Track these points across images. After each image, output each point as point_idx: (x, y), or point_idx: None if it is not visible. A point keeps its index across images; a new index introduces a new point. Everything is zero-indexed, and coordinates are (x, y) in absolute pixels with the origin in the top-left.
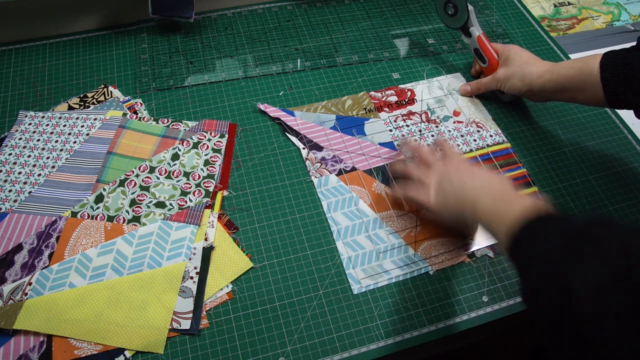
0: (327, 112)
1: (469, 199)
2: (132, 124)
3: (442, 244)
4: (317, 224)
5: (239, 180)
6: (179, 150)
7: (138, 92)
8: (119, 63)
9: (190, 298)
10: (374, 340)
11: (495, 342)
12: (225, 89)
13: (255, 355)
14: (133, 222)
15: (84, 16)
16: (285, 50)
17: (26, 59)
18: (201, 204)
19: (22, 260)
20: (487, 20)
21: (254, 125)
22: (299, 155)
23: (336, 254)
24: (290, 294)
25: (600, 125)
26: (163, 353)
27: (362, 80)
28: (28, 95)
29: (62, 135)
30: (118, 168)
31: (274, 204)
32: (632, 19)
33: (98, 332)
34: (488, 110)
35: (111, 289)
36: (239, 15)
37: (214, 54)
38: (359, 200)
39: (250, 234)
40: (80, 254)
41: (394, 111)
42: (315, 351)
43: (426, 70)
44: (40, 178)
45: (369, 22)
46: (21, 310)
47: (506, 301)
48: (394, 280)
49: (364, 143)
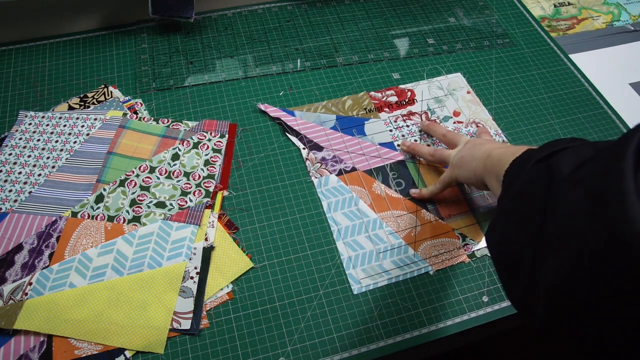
0: (327, 112)
1: (485, 153)
2: (132, 124)
3: (442, 244)
4: (317, 224)
5: (239, 180)
6: (179, 150)
7: (138, 92)
8: (119, 63)
9: (191, 298)
10: (374, 340)
11: (495, 342)
12: (226, 89)
13: (255, 355)
14: (133, 222)
15: (84, 16)
16: (285, 50)
17: (26, 59)
18: (201, 204)
19: (23, 260)
20: (487, 21)
21: (254, 125)
22: (299, 155)
23: (336, 254)
24: (290, 294)
25: (600, 125)
26: (163, 353)
27: (362, 80)
28: (28, 95)
29: (62, 135)
30: (118, 168)
31: (274, 204)
32: (632, 19)
33: (98, 332)
34: (488, 110)
35: (111, 289)
36: (239, 15)
37: (214, 54)
38: (359, 200)
39: (250, 234)
40: (81, 254)
41: (394, 111)
42: (315, 351)
43: (426, 70)
44: (41, 178)
45: (369, 22)
46: (21, 310)
47: (506, 301)
48: (394, 280)
49: (364, 143)
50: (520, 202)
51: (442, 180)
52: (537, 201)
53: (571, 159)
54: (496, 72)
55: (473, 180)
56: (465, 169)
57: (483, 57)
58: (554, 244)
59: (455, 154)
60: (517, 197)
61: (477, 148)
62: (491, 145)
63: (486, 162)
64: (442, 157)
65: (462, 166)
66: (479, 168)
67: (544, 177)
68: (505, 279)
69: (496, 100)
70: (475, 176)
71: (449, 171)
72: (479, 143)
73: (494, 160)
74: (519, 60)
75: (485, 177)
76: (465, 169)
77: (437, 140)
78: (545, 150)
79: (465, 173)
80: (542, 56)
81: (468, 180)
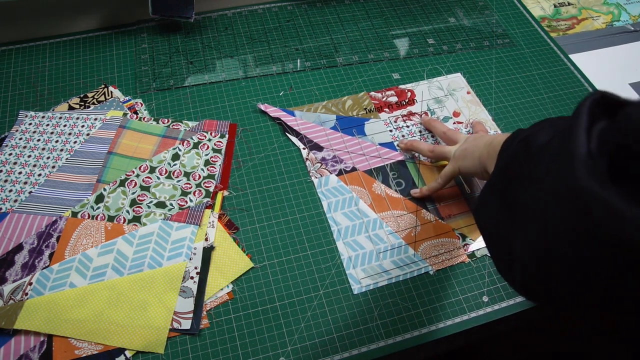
0: (327, 112)
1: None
2: (133, 124)
3: (442, 244)
4: (317, 224)
5: (239, 181)
6: (180, 150)
7: (138, 92)
8: (119, 63)
9: (191, 298)
10: (374, 340)
11: (495, 342)
12: (226, 89)
13: (256, 355)
14: (133, 222)
15: (84, 16)
16: (285, 51)
17: (26, 59)
18: (201, 204)
19: (23, 260)
20: (487, 21)
21: (254, 125)
22: (299, 155)
23: (336, 254)
24: (290, 294)
25: None
26: (163, 353)
27: (362, 80)
28: (28, 95)
29: (63, 135)
30: (118, 168)
31: (274, 204)
32: (632, 19)
33: (98, 332)
34: (488, 110)
35: (111, 289)
36: (239, 15)
37: (214, 54)
38: (359, 200)
39: (250, 234)
40: (81, 254)
41: (394, 112)
42: (316, 351)
43: (426, 71)
44: (41, 178)
45: (369, 22)
46: (22, 310)
47: (506, 301)
48: (394, 280)
49: (364, 143)
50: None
51: (443, 175)
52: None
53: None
54: (496, 72)
55: (478, 167)
56: (469, 159)
57: (483, 57)
58: (526, 213)
59: (456, 148)
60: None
61: (479, 139)
62: (492, 136)
63: (489, 149)
64: (443, 152)
65: (466, 157)
66: (483, 155)
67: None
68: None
69: (496, 101)
70: (480, 163)
71: (451, 165)
72: (480, 136)
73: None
74: (519, 60)
75: (487, 163)
76: (469, 159)
77: (437, 138)
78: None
79: (469, 162)
80: (542, 56)
81: (471, 170)
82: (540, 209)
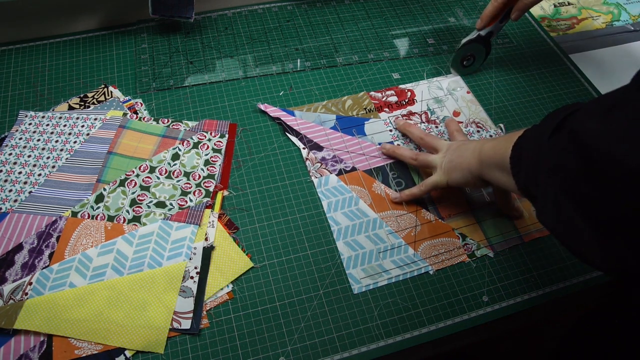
0: (327, 112)
1: (475, 150)
2: (133, 124)
3: (442, 244)
4: (317, 224)
5: (239, 180)
6: (179, 150)
7: (138, 92)
8: (119, 63)
9: (191, 298)
10: (374, 340)
11: (495, 342)
12: (226, 89)
13: (256, 355)
14: (133, 222)
15: (84, 16)
16: (285, 50)
17: (26, 59)
18: (201, 203)
19: (23, 260)
20: None
21: (254, 125)
22: (299, 155)
23: (336, 253)
24: (290, 294)
25: None
26: (163, 353)
27: (362, 80)
28: (28, 95)
29: (63, 135)
30: (118, 168)
31: (274, 204)
32: (632, 19)
33: (98, 332)
34: (488, 110)
35: (111, 288)
36: (239, 15)
37: (214, 54)
38: (359, 200)
39: (250, 233)
40: (81, 254)
41: (394, 111)
42: (315, 351)
43: (426, 71)
44: (41, 178)
45: (369, 22)
46: (21, 310)
47: (506, 301)
48: (394, 280)
49: (364, 143)
50: (564, 174)
51: (427, 183)
52: (574, 168)
53: (588, 116)
54: (496, 72)
55: (469, 178)
56: (458, 171)
57: None
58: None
59: (442, 160)
60: (553, 170)
61: (462, 148)
62: (475, 143)
63: (480, 158)
64: (427, 161)
65: (454, 169)
66: (473, 165)
67: (572, 143)
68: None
69: (496, 100)
70: (470, 174)
71: (437, 176)
72: (461, 144)
73: (488, 153)
74: (519, 60)
75: (483, 171)
76: (458, 171)
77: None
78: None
79: (459, 174)
80: (542, 56)
81: (462, 181)
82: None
